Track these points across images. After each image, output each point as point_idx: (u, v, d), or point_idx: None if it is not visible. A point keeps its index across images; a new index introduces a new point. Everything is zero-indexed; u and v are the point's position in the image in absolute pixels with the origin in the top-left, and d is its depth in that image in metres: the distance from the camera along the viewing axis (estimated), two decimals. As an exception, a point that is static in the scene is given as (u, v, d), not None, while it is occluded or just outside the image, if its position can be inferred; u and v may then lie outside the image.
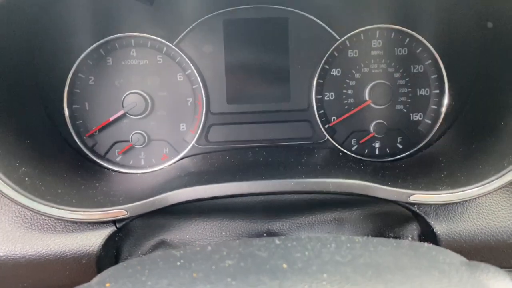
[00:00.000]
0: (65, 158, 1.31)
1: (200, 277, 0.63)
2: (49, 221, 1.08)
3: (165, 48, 1.39)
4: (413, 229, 1.21)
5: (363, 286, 0.59)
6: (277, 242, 0.72)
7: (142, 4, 1.15)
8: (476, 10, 1.21)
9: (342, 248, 0.69)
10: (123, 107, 1.37)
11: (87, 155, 1.40)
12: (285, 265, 0.64)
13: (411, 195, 1.08)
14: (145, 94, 1.38)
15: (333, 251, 0.68)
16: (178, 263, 0.68)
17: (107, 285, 0.66)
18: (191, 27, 1.38)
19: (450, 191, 1.06)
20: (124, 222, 1.10)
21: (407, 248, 0.73)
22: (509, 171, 1.03)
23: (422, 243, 0.76)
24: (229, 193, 1.08)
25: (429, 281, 0.61)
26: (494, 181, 1.04)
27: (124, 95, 1.37)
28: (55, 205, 1.02)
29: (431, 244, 0.77)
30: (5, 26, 1.03)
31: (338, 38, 1.41)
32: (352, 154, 1.45)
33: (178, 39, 1.38)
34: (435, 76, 1.42)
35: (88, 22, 1.31)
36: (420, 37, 1.40)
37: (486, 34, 1.24)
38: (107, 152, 1.43)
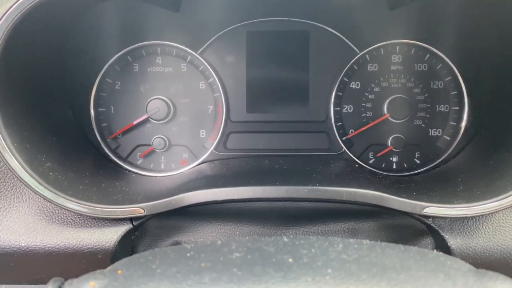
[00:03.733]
0: (88, 158, 1.36)
1: (207, 267, 0.65)
2: (69, 215, 1.12)
3: (189, 57, 1.44)
4: (427, 243, 1.20)
5: (366, 283, 0.60)
6: (285, 239, 0.74)
7: (168, 11, 1.20)
8: (496, 27, 1.21)
9: (349, 248, 0.70)
10: (146, 111, 1.43)
11: (110, 156, 1.45)
12: (290, 260, 0.65)
13: (426, 207, 1.07)
14: (168, 100, 1.43)
15: (340, 250, 0.69)
16: (188, 254, 0.71)
17: (119, 272, 0.69)
18: (215, 37, 1.43)
19: (466, 205, 1.05)
20: (140, 220, 1.13)
21: (414, 252, 0.73)
22: (527, 187, 1.02)
23: (431, 250, 0.76)
24: (243, 196, 1.10)
25: (433, 283, 0.61)
26: (510, 197, 1.02)
27: (148, 101, 1.43)
28: (75, 200, 1.06)
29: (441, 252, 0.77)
30: (38, 32, 1.09)
31: (358, 52, 1.43)
32: (369, 167, 1.45)
33: (202, 48, 1.43)
34: (455, 92, 1.42)
35: (117, 30, 1.38)
36: (440, 54, 1.41)
37: (506, 51, 1.24)
38: (129, 155, 1.47)
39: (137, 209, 1.10)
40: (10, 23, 0.96)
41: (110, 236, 1.11)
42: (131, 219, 1.12)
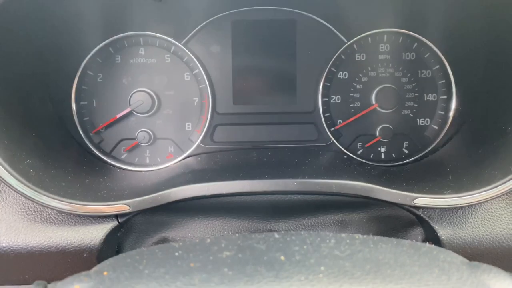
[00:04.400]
0: (71, 153, 1.32)
1: (197, 267, 0.63)
2: (52, 213, 1.09)
3: (173, 47, 1.40)
4: (417, 233, 1.20)
5: (361, 280, 0.58)
6: (276, 236, 0.72)
7: (150, 0, 1.16)
8: (484, 17, 1.20)
9: (342, 244, 0.69)
10: (130, 104, 1.39)
11: (93, 151, 1.41)
12: (282, 257, 0.63)
13: (415, 198, 1.06)
14: (152, 93, 1.40)
15: (332, 246, 0.68)
16: (176, 254, 0.68)
17: (105, 273, 0.66)
18: (199, 27, 1.39)
19: (455, 195, 1.05)
20: (126, 217, 1.10)
21: (408, 246, 0.72)
22: (515, 176, 1.02)
23: (423, 243, 0.75)
24: (231, 191, 1.07)
25: (428, 278, 0.60)
26: (500, 186, 1.02)
27: (132, 93, 1.39)
28: (58, 198, 1.03)
29: (433, 245, 0.76)
30: (15, 22, 1.05)
31: (346, 41, 1.41)
32: (358, 158, 1.44)
33: (186, 38, 1.39)
34: (443, 81, 1.41)
35: (98, 20, 1.33)
36: (428, 42, 1.40)
37: (493, 41, 1.24)
38: (112, 149, 1.44)
39: (123, 206, 1.07)
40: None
41: (95, 234, 1.08)
42: (116, 216, 1.09)
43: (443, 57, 1.40)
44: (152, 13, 1.29)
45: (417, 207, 1.09)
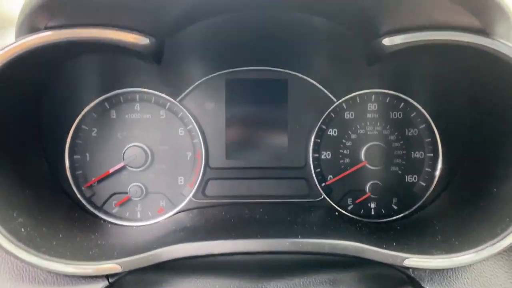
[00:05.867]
0: (62, 208, 1.31)
1: None
2: (41, 273, 1.07)
3: (168, 104, 1.44)
4: (409, 293, 1.20)
5: None
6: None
7: (148, 64, 1.20)
8: (467, 79, 1.27)
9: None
10: (123, 159, 1.40)
11: (85, 205, 1.40)
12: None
13: (406, 259, 1.08)
14: (146, 147, 1.41)
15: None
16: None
17: None
18: (195, 85, 1.44)
19: (445, 256, 1.06)
20: (117, 277, 1.08)
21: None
22: (502, 238, 1.04)
23: None
24: (224, 251, 1.08)
25: None
26: (487, 248, 1.04)
27: (125, 148, 1.40)
28: (48, 258, 1.02)
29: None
30: (13, 79, 1.07)
31: (335, 100, 1.46)
32: (348, 214, 1.46)
33: (182, 96, 1.43)
34: (429, 139, 1.46)
35: (95, 78, 1.36)
36: (414, 102, 1.46)
37: (477, 102, 1.30)
38: (104, 203, 1.43)
39: (114, 266, 1.06)
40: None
41: (85, 295, 1.06)
42: (107, 276, 1.08)
43: (428, 117, 1.45)
44: (149, 72, 1.33)
45: (408, 268, 1.10)
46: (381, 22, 1.01)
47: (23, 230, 1.04)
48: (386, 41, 1.01)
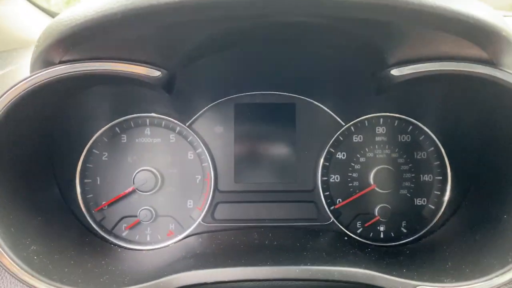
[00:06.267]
0: (73, 233, 1.33)
1: None
2: (53, 301, 1.08)
3: (178, 128, 1.46)
4: (419, 320, 1.19)
5: None
6: None
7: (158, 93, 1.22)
8: (475, 107, 1.28)
9: None
10: (134, 183, 1.41)
11: (95, 229, 1.41)
12: None
13: (416, 287, 1.07)
14: (155, 171, 1.43)
15: None
16: None
17: None
18: (204, 110, 1.46)
19: (455, 284, 1.06)
20: (128, 304, 1.09)
21: None
22: (513, 267, 1.03)
23: None
24: (234, 278, 1.08)
25: None
26: (498, 276, 1.03)
27: (136, 172, 1.42)
28: (60, 285, 1.02)
29: None
30: (28, 110, 1.09)
31: (344, 124, 1.47)
32: (357, 238, 1.46)
33: (191, 120, 1.45)
34: (438, 162, 1.46)
35: (107, 105, 1.39)
36: (422, 126, 1.46)
37: (486, 127, 1.30)
38: (114, 227, 1.44)
39: (125, 294, 1.06)
40: (4, 107, 0.96)
41: (95, 323, 1.06)
42: (118, 303, 1.08)
43: (437, 140, 1.46)
44: (159, 99, 1.35)
45: (418, 295, 1.09)
46: (390, 53, 1.03)
47: (35, 258, 1.05)
48: (395, 72, 1.03)
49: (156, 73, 1.01)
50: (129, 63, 0.97)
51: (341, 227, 1.46)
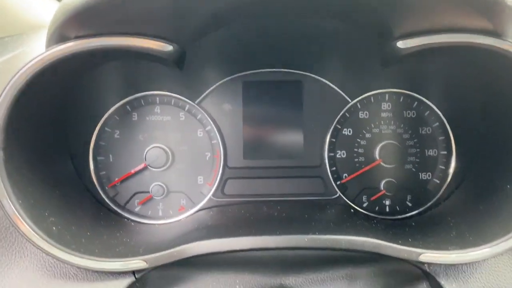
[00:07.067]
0: (88, 207, 1.37)
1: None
2: (72, 269, 1.12)
3: (187, 106, 1.49)
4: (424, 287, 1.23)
5: None
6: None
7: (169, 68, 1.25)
8: (481, 80, 1.29)
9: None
10: (145, 160, 1.45)
11: (109, 205, 1.46)
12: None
13: (421, 254, 1.10)
14: (166, 148, 1.46)
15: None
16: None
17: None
18: (213, 87, 1.48)
19: (460, 251, 1.09)
20: (143, 273, 1.13)
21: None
22: (516, 234, 1.07)
23: None
24: (244, 247, 1.12)
25: None
26: (502, 243, 1.07)
27: (147, 149, 1.45)
28: (79, 255, 1.07)
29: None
30: (44, 86, 1.12)
31: (350, 100, 1.50)
32: (363, 211, 1.49)
33: (200, 98, 1.48)
34: (443, 137, 1.49)
35: (118, 82, 1.42)
36: (427, 102, 1.48)
37: (489, 100, 1.32)
38: (127, 202, 1.49)
39: (140, 262, 1.10)
40: (22, 81, 1.00)
41: (113, 289, 1.11)
42: (133, 272, 1.13)
43: (442, 115, 1.48)
44: (169, 76, 1.38)
45: (423, 263, 1.13)
46: (395, 25, 1.04)
47: (54, 228, 1.10)
48: (401, 44, 1.04)
49: (168, 47, 1.03)
50: (143, 37, 1.00)
51: (347, 201, 1.50)
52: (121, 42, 0.98)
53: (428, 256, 1.10)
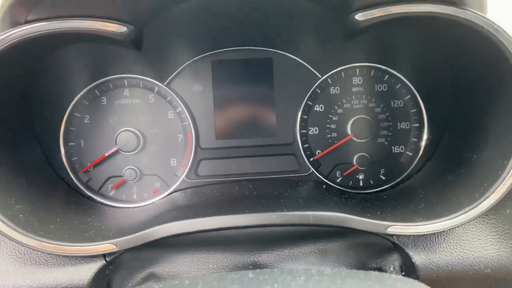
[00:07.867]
0: (59, 194, 1.37)
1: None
2: (41, 255, 1.13)
3: (156, 88, 1.47)
4: (395, 259, 1.25)
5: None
6: (251, 275, 0.77)
7: (131, 50, 1.22)
8: (445, 49, 1.29)
9: (310, 281, 0.74)
10: (116, 144, 1.44)
11: (82, 190, 1.45)
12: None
13: (389, 227, 1.12)
14: (137, 131, 1.45)
15: (302, 284, 0.73)
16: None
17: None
18: (180, 68, 1.46)
19: (426, 222, 1.11)
20: (113, 256, 1.14)
21: (373, 280, 0.77)
22: (480, 203, 1.08)
23: (391, 275, 0.80)
24: (213, 226, 1.12)
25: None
26: (466, 213, 1.08)
27: (118, 133, 1.44)
28: (47, 240, 1.07)
29: (402, 276, 0.81)
30: (3, 74, 1.11)
31: (320, 76, 1.48)
32: (337, 186, 1.50)
33: (169, 79, 1.46)
34: (414, 110, 1.49)
35: (83, 67, 1.39)
36: (398, 74, 1.48)
37: (457, 72, 1.32)
38: (101, 187, 1.48)
39: (110, 245, 1.11)
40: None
41: (84, 273, 1.12)
42: (104, 255, 1.14)
43: (413, 88, 1.47)
44: (133, 58, 1.36)
45: (391, 235, 1.14)
46: (352, -2, 1.03)
47: (21, 216, 1.09)
48: (359, 16, 1.03)
49: (122, 28, 1.01)
50: (93, 19, 0.98)
51: (320, 177, 1.50)
52: (71, 25, 0.96)
53: (395, 228, 1.12)
